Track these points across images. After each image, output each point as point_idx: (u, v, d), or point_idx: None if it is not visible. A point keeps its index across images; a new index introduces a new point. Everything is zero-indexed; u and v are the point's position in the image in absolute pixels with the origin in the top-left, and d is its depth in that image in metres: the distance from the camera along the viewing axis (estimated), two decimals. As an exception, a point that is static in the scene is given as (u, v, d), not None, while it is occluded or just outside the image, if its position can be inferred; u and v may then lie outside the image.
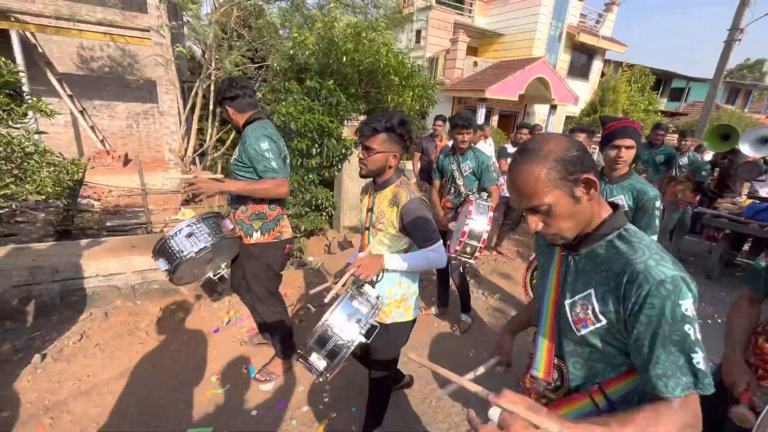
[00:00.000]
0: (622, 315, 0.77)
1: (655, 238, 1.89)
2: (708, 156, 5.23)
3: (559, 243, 0.87)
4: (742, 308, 1.41)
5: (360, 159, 1.54)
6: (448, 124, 4.13)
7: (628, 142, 1.82)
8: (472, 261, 2.48)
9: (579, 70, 14.65)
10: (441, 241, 1.52)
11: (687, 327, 0.71)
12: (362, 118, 5.12)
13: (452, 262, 2.82)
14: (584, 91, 14.13)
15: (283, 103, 4.54)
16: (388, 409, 1.90)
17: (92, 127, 8.09)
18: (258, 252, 2.10)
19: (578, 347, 0.87)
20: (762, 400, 1.23)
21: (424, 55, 12.23)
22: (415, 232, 1.50)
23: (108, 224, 5.05)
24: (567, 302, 0.88)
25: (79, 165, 3.53)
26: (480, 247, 2.39)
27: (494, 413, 0.62)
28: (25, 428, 1.90)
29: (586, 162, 0.79)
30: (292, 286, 3.54)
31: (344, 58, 4.24)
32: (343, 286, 1.46)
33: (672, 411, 0.71)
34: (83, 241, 3.10)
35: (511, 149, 4.62)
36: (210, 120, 6.87)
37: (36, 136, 3.40)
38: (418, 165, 5.15)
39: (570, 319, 0.87)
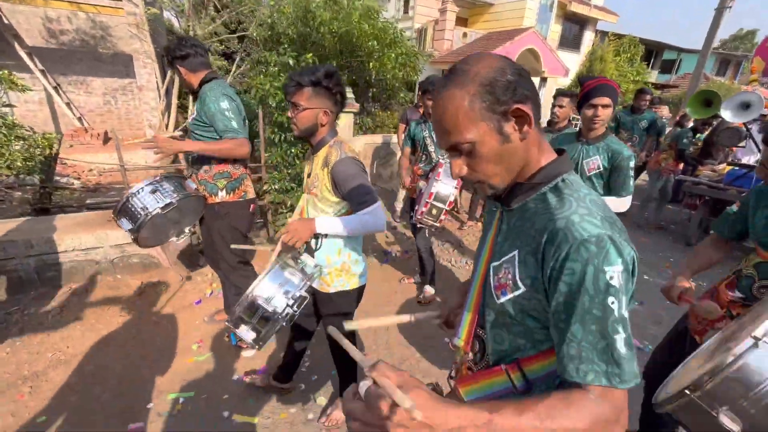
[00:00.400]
0: (541, 281, 0.64)
1: (629, 198, 1.92)
2: (690, 124, 5.24)
3: (488, 193, 0.73)
4: (703, 247, 1.56)
5: (289, 118, 1.46)
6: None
7: (605, 100, 1.80)
8: (436, 224, 2.47)
9: (570, 42, 14.37)
10: (378, 203, 1.43)
11: (611, 300, 0.58)
12: (349, 89, 4.99)
13: (417, 226, 2.80)
14: (575, 62, 13.92)
15: (260, 77, 4.40)
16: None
17: (68, 104, 7.79)
18: (224, 211, 2.10)
19: (499, 317, 0.75)
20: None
21: (412, 25, 11.88)
22: (348, 194, 1.41)
23: (88, 201, 4.94)
24: (493, 265, 0.75)
25: (51, 139, 3.42)
26: (445, 210, 2.39)
27: (363, 386, 0.54)
28: (3, 397, 1.91)
29: (522, 90, 0.64)
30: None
31: (321, 28, 4.09)
32: (278, 255, 1.41)
33: (586, 401, 0.58)
34: (58, 216, 3.03)
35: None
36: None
37: (6, 109, 3.26)
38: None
39: (492, 285, 0.75)
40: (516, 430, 0.55)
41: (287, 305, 1.30)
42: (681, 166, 5.09)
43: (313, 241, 1.54)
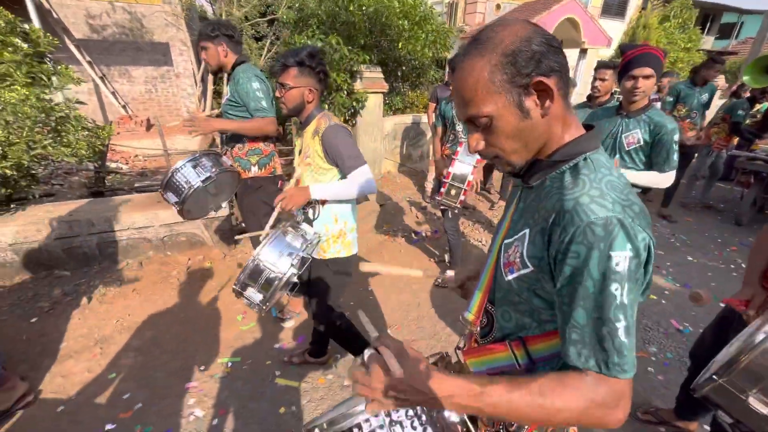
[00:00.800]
0: (547, 262, 0.62)
1: (673, 173, 1.83)
2: (747, 95, 4.79)
3: (506, 170, 0.70)
4: (764, 238, 1.42)
5: (277, 98, 1.55)
6: None
7: (646, 71, 1.70)
8: (457, 204, 2.46)
9: (615, 9, 13.31)
10: (365, 165, 1.50)
11: (614, 287, 0.55)
12: (378, 69, 4.96)
13: (443, 209, 2.80)
14: (620, 32, 12.93)
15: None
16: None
17: (113, 93, 8.26)
18: (256, 185, 2.27)
19: (507, 295, 0.74)
20: None
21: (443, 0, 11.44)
22: (338, 158, 1.50)
23: (136, 185, 5.31)
24: (505, 242, 0.74)
25: (110, 131, 3.69)
26: (465, 190, 2.36)
27: (366, 353, 0.60)
28: (80, 356, 2.17)
29: (548, 62, 0.59)
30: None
31: (351, 6, 4.05)
32: (273, 226, 1.51)
33: (581, 383, 0.58)
34: (113, 198, 3.30)
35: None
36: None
37: (75, 105, 3.54)
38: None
39: (501, 262, 0.74)
40: (507, 403, 0.57)
41: (291, 265, 1.38)
42: (735, 140, 4.72)
43: (310, 211, 1.64)
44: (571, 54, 12.47)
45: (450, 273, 3.28)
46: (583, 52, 11.69)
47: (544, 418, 0.58)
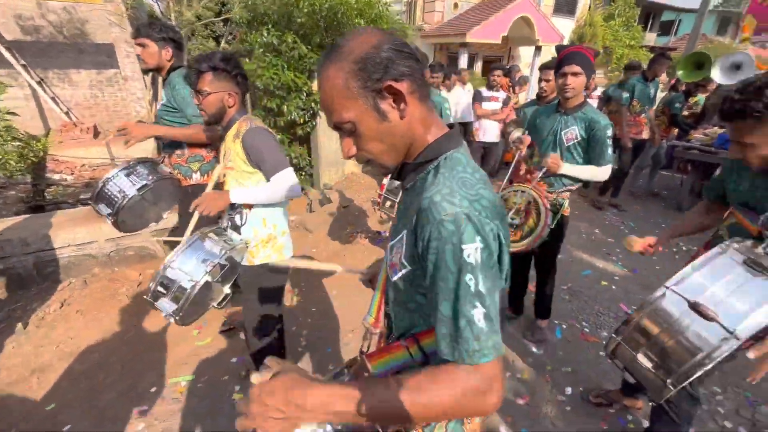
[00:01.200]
0: (419, 261, 0.66)
1: (609, 167, 1.92)
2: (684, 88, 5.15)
3: (382, 172, 0.74)
4: (692, 213, 1.61)
5: (197, 106, 1.50)
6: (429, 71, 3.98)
7: (574, 68, 1.79)
8: (392, 215, 2.48)
9: (566, 7, 13.91)
10: (289, 168, 1.47)
11: (468, 278, 0.58)
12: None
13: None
14: (571, 29, 13.53)
15: (246, 61, 4.33)
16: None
17: (54, 99, 7.68)
18: (198, 193, 2.13)
19: (396, 294, 0.77)
20: None
21: (401, -2, 11.49)
22: (260, 161, 1.46)
23: (82, 197, 4.96)
24: (390, 244, 0.77)
25: (45, 143, 3.43)
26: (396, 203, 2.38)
27: (254, 378, 0.62)
28: (13, 388, 2.00)
29: (398, 66, 0.62)
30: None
31: (302, 3, 3.98)
32: (192, 232, 1.46)
33: (453, 375, 0.59)
34: (52, 213, 3.06)
35: (486, 93, 4.51)
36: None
37: (7, 117, 3.25)
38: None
39: (388, 263, 0.77)
40: (387, 402, 0.58)
41: (206, 272, 1.29)
42: (675, 131, 5.06)
43: (237, 217, 1.58)
44: (527, 51, 12.92)
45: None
46: (538, 49, 12.13)
47: (423, 413, 0.58)
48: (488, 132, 4.55)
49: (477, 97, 4.52)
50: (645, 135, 4.27)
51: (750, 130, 1.08)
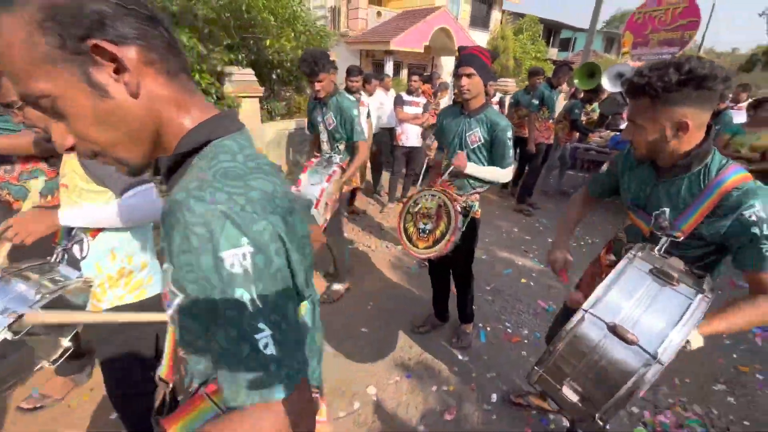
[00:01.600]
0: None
1: (511, 169, 1.94)
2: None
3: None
4: (577, 204, 1.58)
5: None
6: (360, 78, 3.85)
7: (468, 69, 1.78)
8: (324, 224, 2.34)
9: (480, 21, 14.99)
10: (149, 185, 1.15)
11: (239, 294, 0.44)
12: (250, 71, 4.55)
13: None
14: (486, 41, 14.59)
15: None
16: None
17: None
18: None
19: (181, 332, 0.58)
20: None
21: (324, 3, 11.36)
22: (105, 178, 1.13)
23: None
24: (163, 268, 0.61)
25: None
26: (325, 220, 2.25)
27: None
28: None
29: (117, 25, 0.44)
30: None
31: (203, -3, 3.63)
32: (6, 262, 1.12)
33: (243, 422, 0.46)
34: None
35: (406, 97, 4.52)
36: None
37: None
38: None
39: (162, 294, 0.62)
40: None
41: (4, 327, 0.91)
42: (577, 135, 5.57)
43: (76, 248, 1.21)
44: (450, 61, 13.66)
45: (337, 286, 3.04)
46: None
47: None
48: (411, 136, 4.57)
49: (398, 101, 4.52)
50: (552, 139, 4.67)
51: (644, 110, 1.06)
